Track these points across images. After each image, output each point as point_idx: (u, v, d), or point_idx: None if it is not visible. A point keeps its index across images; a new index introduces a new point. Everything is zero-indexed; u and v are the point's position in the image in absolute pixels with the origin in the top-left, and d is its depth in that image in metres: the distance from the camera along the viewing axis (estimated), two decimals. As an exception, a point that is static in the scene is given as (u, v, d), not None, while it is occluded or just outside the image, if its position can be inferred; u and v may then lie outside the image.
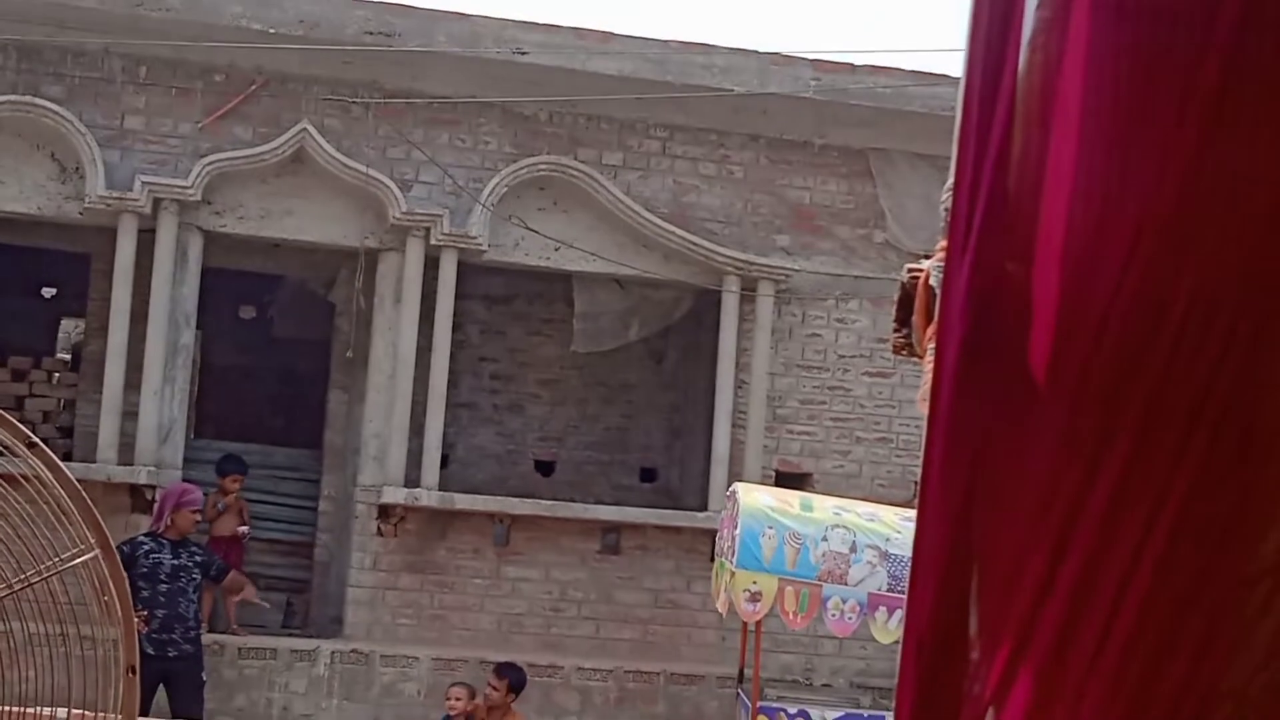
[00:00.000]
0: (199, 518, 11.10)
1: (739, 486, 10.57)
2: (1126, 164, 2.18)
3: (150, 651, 10.36)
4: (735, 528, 9.93)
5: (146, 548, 10.71)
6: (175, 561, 10.72)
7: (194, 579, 10.83)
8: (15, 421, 3.89)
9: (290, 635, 13.48)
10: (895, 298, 2.78)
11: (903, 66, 13.83)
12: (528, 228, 13.48)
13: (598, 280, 14.19)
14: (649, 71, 13.37)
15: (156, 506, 11.22)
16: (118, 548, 10.32)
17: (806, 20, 36.18)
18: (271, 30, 12.84)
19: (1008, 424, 2.29)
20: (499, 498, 13.78)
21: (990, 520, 2.30)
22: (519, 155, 13.54)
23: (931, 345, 2.47)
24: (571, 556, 13.63)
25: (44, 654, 3.85)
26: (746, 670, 11.00)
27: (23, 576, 3.79)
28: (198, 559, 10.94)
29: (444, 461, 13.64)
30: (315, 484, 14.41)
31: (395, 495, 13.03)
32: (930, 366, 2.43)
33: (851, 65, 13.81)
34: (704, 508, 13.57)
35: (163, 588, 10.64)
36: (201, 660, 11.15)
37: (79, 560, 3.79)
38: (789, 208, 14.23)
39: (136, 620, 10.39)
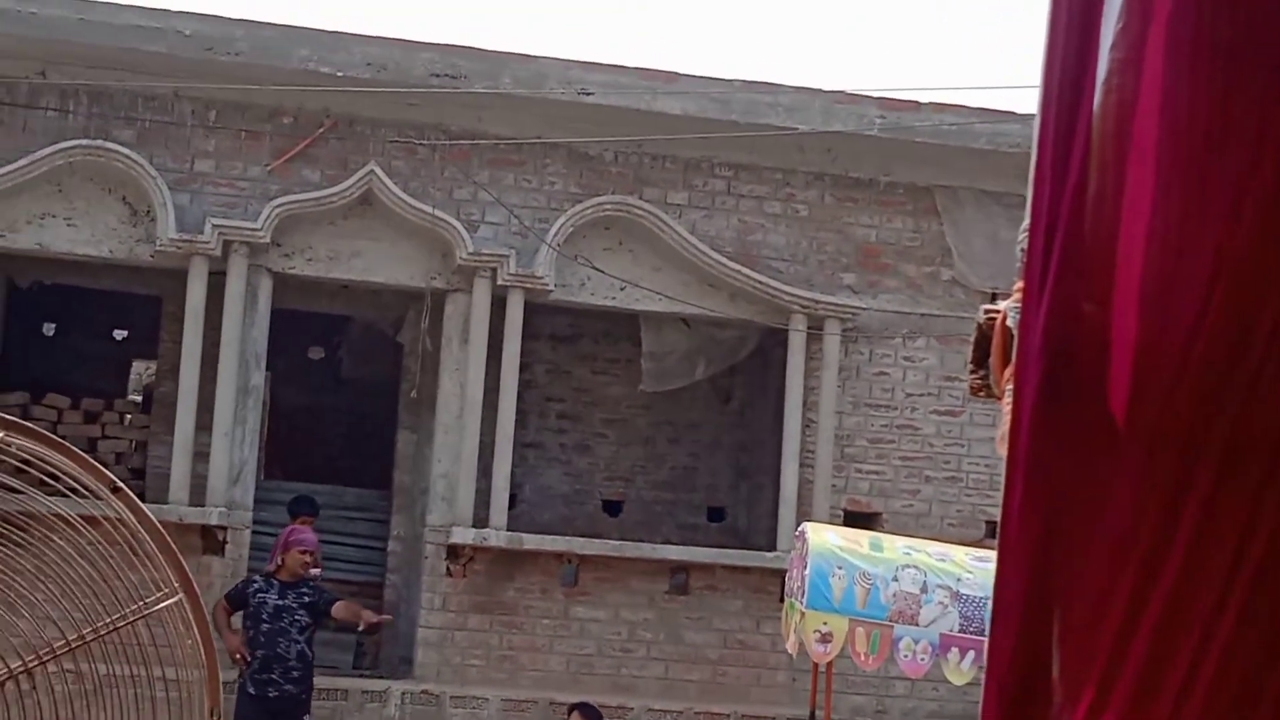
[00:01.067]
0: (309, 559, 11.14)
1: (808, 526, 10.52)
2: (1204, 202, 2.17)
3: (251, 691, 10.55)
4: (805, 568, 9.88)
5: (256, 587, 10.87)
6: (280, 602, 10.79)
7: (297, 620, 10.85)
8: (99, 465, 3.93)
9: (361, 676, 13.52)
10: (971, 339, 2.76)
11: (968, 103, 13.81)
12: (594, 267, 13.52)
13: (664, 319, 14.21)
14: (714, 111, 13.40)
15: (273, 548, 11.42)
16: (235, 586, 10.53)
17: (871, 58, 36.20)
18: (339, 73, 12.97)
19: (1088, 465, 2.28)
20: (567, 538, 13.79)
21: (1071, 562, 2.29)
22: (584, 195, 13.59)
23: (1009, 386, 2.46)
24: (640, 597, 13.61)
25: (125, 695, 3.88)
26: (818, 712, 10.93)
27: (109, 621, 3.82)
28: (305, 599, 10.96)
29: (512, 502, 13.66)
30: (384, 524, 14.46)
31: (464, 535, 13.06)
32: (1008, 408, 2.42)
33: (917, 102, 13.80)
34: (772, 547, 13.52)
35: (264, 627, 10.70)
36: (306, 701, 11.12)
37: (164, 604, 3.82)
38: (855, 246, 14.21)
39: (237, 659, 10.50)
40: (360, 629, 12.17)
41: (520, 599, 13.44)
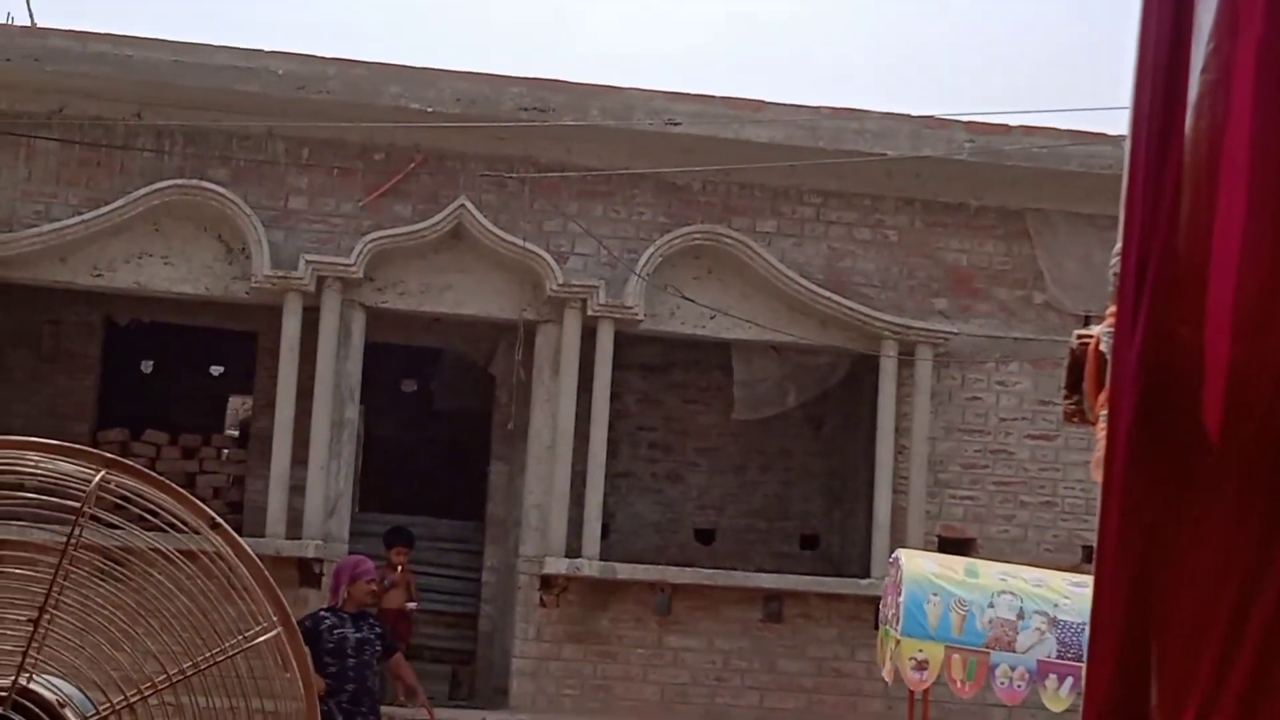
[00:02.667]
0: (374, 588, 11.18)
1: (901, 553, 10.46)
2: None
3: None
4: (899, 595, 9.82)
5: (329, 622, 10.75)
6: (359, 635, 10.79)
7: (377, 651, 10.89)
8: (199, 502, 3.99)
9: (457, 706, 13.56)
10: (1065, 364, 2.75)
11: (1058, 126, 13.71)
12: (683, 297, 13.53)
13: (754, 348, 14.19)
14: (801, 138, 13.39)
15: (331, 580, 11.31)
16: (301, 622, 10.43)
17: (959, 82, 36.05)
18: (429, 109, 13.08)
19: (1184, 489, 2.26)
20: (660, 567, 13.78)
21: (1169, 588, 2.27)
22: (673, 225, 13.62)
23: (1104, 412, 2.45)
24: (734, 625, 13.57)
25: (225, 728, 3.92)
26: (914, 739, 10.85)
27: (209, 655, 3.87)
28: (377, 631, 11.02)
29: (604, 531, 13.68)
30: (478, 555, 14.53)
31: (557, 566, 13.08)
32: (1103, 433, 2.41)
33: (1006, 126, 13.72)
34: (866, 574, 13.45)
35: (350, 661, 10.68)
36: None
37: (263, 638, 3.86)
38: (945, 270, 14.14)
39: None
40: (402, 698, 12.20)
41: (614, 628, 13.45)
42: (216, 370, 17.42)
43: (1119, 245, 2.39)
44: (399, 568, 13.07)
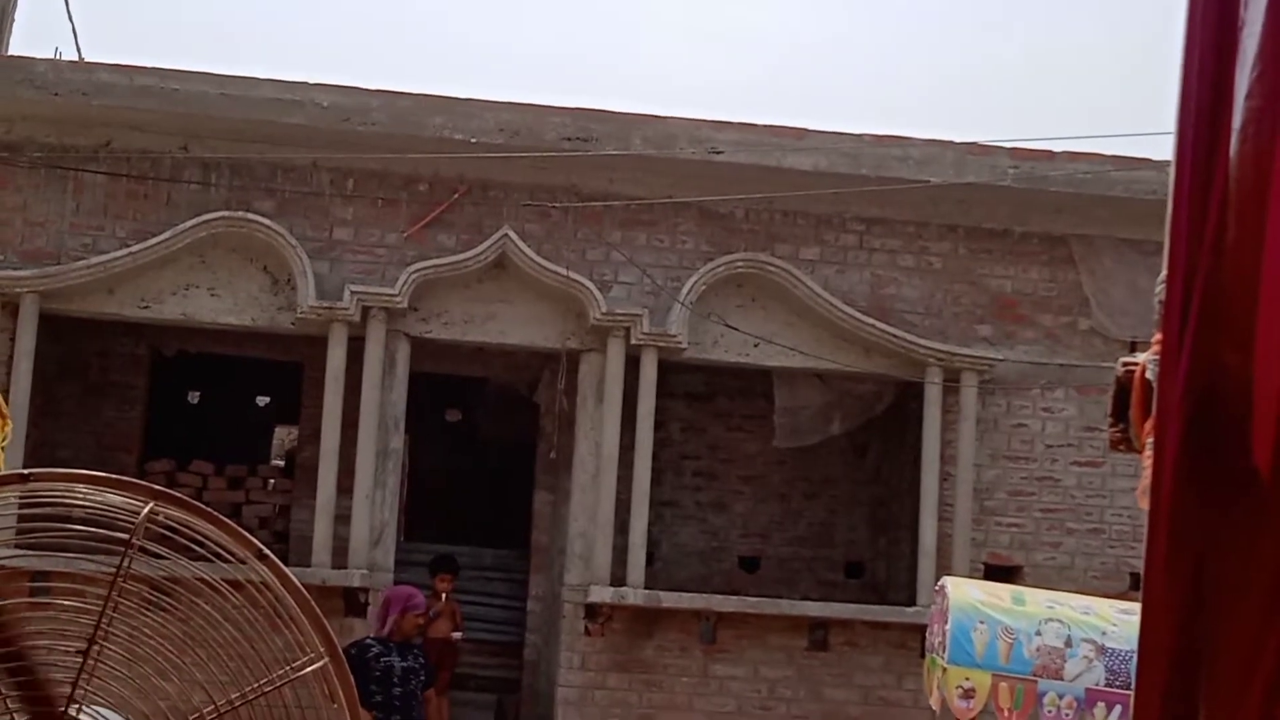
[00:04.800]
0: (422, 622, 11.18)
1: (948, 580, 10.40)
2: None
3: None
4: (945, 622, 9.77)
5: (375, 651, 10.72)
6: (405, 664, 10.77)
7: (422, 681, 10.89)
8: (245, 533, 4.00)
9: (501, 736, 13.57)
10: (1110, 391, 2.74)
11: (1103, 151, 13.67)
12: (727, 325, 13.53)
13: (798, 375, 14.18)
14: (844, 165, 13.39)
15: (380, 609, 11.32)
16: (347, 650, 10.40)
17: (1002, 109, 36.00)
18: (473, 139, 13.14)
19: (1233, 517, 2.25)
20: (705, 595, 13.76)
21: (1218, 616, 2.26)
22: (716, 253, 13.63)
23: (1150, 439, 2.44)
24: (779, 653, 13.53)
25: (272, 758, 3.93)
26: (961, 768, 10.78)
27: (256, 685, 3.88)
28: (422, 661, 11.02)
29: (649, 559, 13.67)
30: (523, 584, 14.54)
31: (602, 594, 13.08)
32: (1149, 461, 2.39)
33: (1050, 152, 13.68)
34: (912, 602, 13.40)
35: (396, 691, 10.66)
36: None
37: (310, 669, 3.87)
38: (990, 297, 14.10)
39: None
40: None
41: (659, 657, 13.43)
42: (262, 401, 17.52)
43: (1164, 272, 2.38)
44: (444, 596, 13.09)
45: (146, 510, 4.00)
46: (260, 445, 17.37)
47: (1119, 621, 9.62)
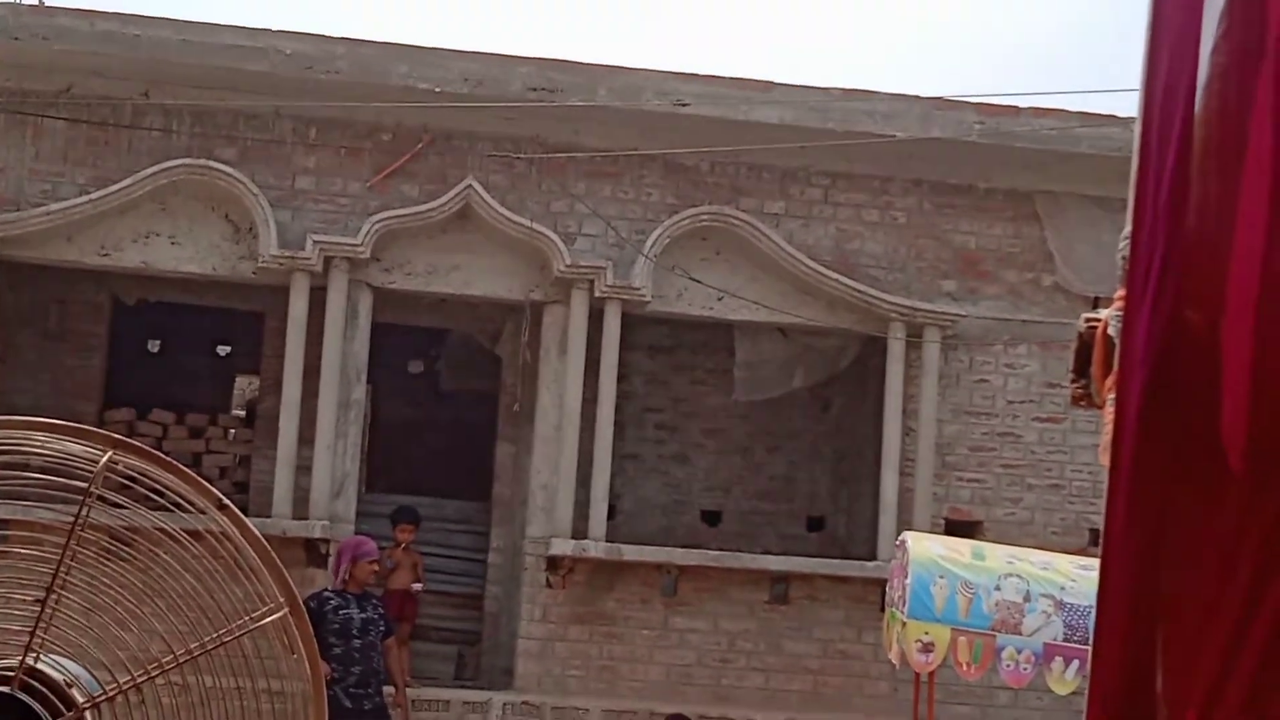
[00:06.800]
0: (376, 569, 11.19)
1: (909, 535, 10.46)
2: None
3: (348, 705, 10.47)
4: (906, 577, 9.83)
5: (334, 603, 10.74)
6: (364, 615, 10.79)
7: (381, 631, 10.91)
8: (206, 483, 3.98)
9: (462, 687, 13.60)
10: (1072, 348, 2.74)
11: (1068, 108, 13.68)
12: (691, 278, 13.52)
13: (760, 329, 14.19)
14: (810, 119, 13.36)
15: (333, 560, 11.32)
16: (306, 602, 10.36)
17: (969, 63, 36.00)
18: (437, 89, 13.06)
19: (1193, 474, 2.25)
20: (666, 548, 13.79)
21: (1176, 574, 2.26)
22: (681, 206, 13.60)
23: (1111, 396, 2.44)
24: (740, 607, 13.58)
25: (231, 707, 3.93)
26: (919, 721, 10.86)
27: (215, 636, 3.87)
28: (380, 611, 11.03)
29: (611, 513, 13.69)
30: (484, 536, 14.54)
31: (563, 547, 13.10)
32: (1110, 418, 2.40)
33: (1016, 108, 13.68)
34: (873, 557, 13.46)
35: (356, 643, 10.68)
36: (388, 712, 11.22)
37: (269, 619, 3.87)
38: (954, 252, 14.12)
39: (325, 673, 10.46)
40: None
41: (620, 610, 13.46)
42: (223, 350, 17.42)
43: (1128, 229, 2.38)
44: (404, 546, 13.08)
45: (105, 459, 3.98)
46: (221, 395, 17.29)
47: (1077, 577, 9.69)
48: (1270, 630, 2.12)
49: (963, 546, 10.41)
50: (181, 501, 3.97)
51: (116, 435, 4.15)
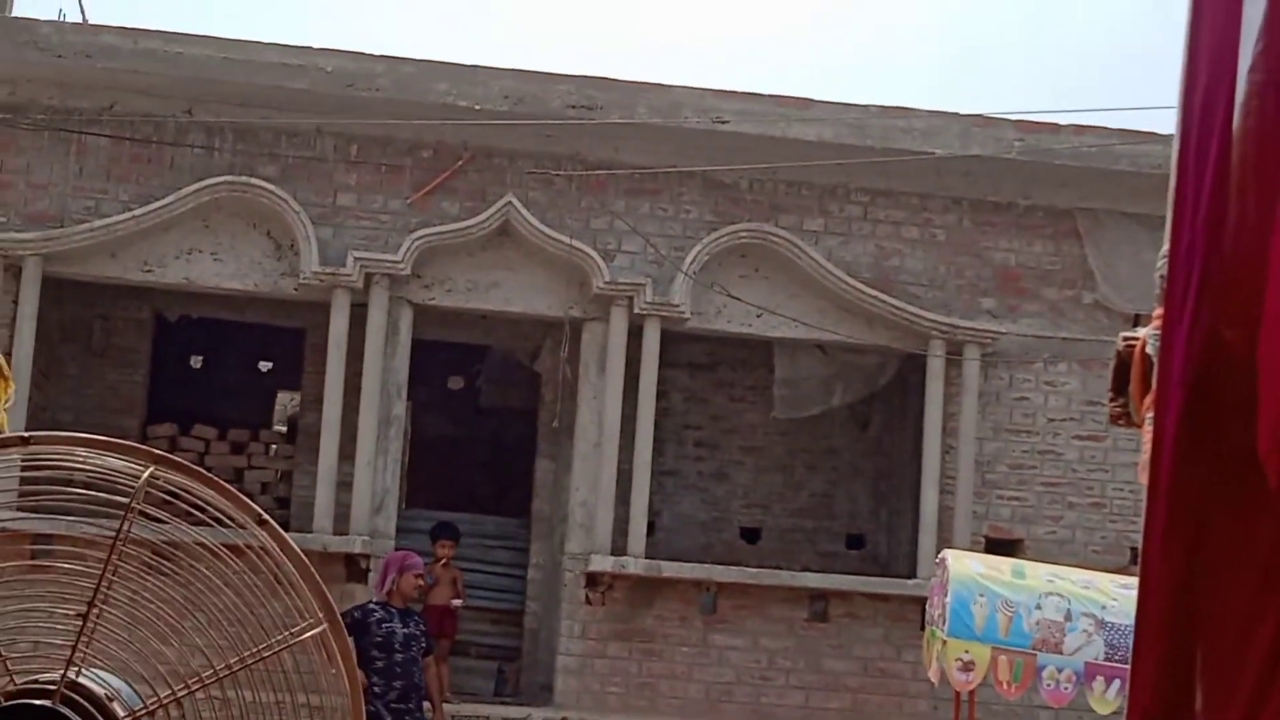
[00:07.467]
0: (421, 583, 11.20)
1: (948, 553, 10.42)
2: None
3: None
4: (945, 595, 9.79)
5: (378, 616, 10.74)
6: (406, 630, 10.79)
7: (422, 647, 10.92)
8: (245, 498, 4.01)
9: (502, 703, 13.60)
10: (1111, 366, 2.74)
11: (1108, 125, 13.63)
12: (730, 295, 13.52)
13: (799, 346, 14.17)
14: (849, 136, 13.36)
15: (378, 574, 11.34)
16: (349, 613, 10.37)
17: (1009, 82, 35.92)
18: (477, 107, 13.11)
19: (1231, 493, 2.25)
20: (705, 565, 13.78)
21: (1215, 591, 2.26)
22: (720, 223, 13.61)
23: (1149, 414, 2.43)
24: (779, 625, 13.55)
25: (270, 722, 3.95)
26: (959, 740, 10.82)
27: (255, 650, 3.89)
28: (422, 628, 11.04)
29: (650, 529, 13.69)
30: (524, 552, 14.55)
31: (602, 563, 13.10)
32: (1149, 436, 2.39)
33: (1056, 125, 13.65)
34: (912, 575, 13.42)
35: (398, 657, 10.67)
36: None
37: (309, 634, 3.88)
38: (994, 270, 14.08)
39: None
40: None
41: (659, 626, 13.45)
42: (265, 366, 17.51)
43: (1165, 247, 2.38)
44: (442, 561, 13.08)
45: (147, 474, 4.01)
46: (263, 411, 17.37)
47: (1119, 596, 9.63)
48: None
49: (1003, 565, 10.36)
50: (222, 517, 4.00)
51: (158, 451, 4.18)
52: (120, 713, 3.97)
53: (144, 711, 4.00)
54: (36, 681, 3.99)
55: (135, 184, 13.29)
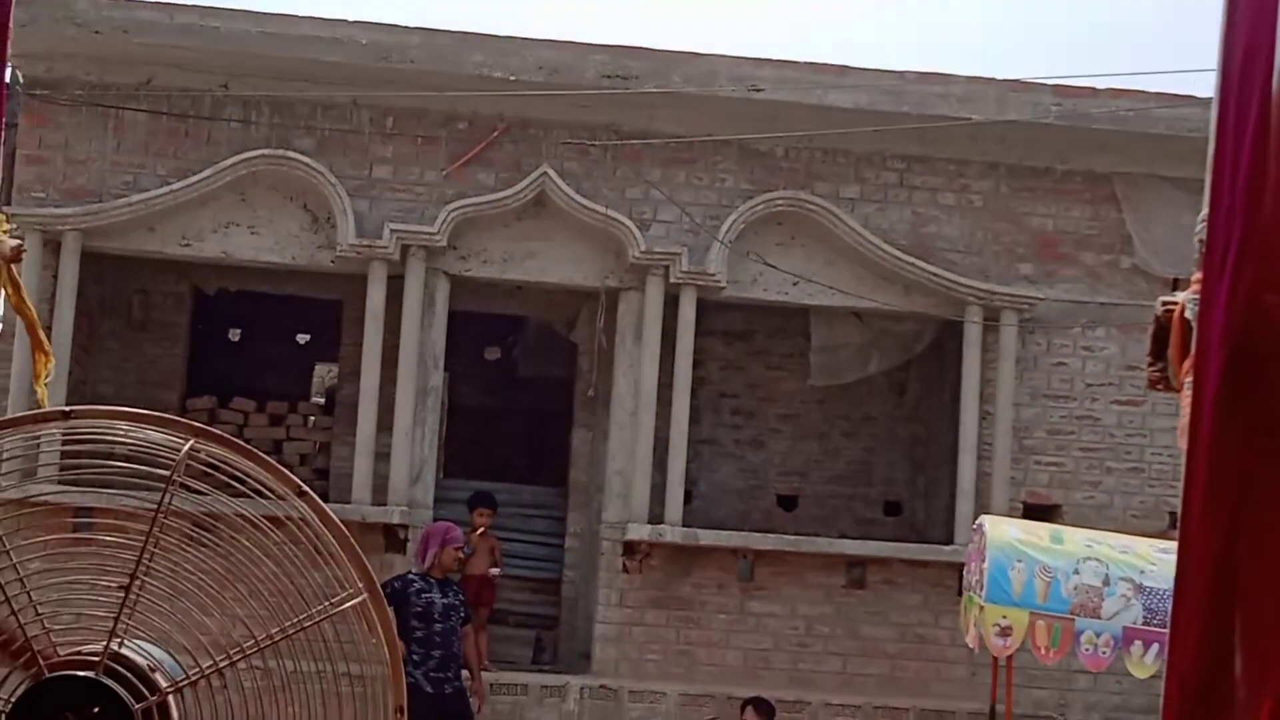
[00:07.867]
0: (462, 555, 11.27)
1: (986, 519, 10.42)
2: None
3: (429, 690, 10.54)
4: (983, 561, 9.79)
5: (418, 586, 10.82)
6: (445, 600, 10.88)
7: (461, 617, 10.99)
8: (285, 470, 4.03)
9: (540, 671, 13.66)
10: (1150, 331, 2.73)
11: (1146, 88, 13.54)
12: (766, 263, 13.50)
13: (836, 314, 14.15)
14: (885, 103, 13.31)
15: (420, 545, 11.40)
16: (389, 584, 10.42)
17: (1046, 45, 35.68)
18: (512, 77, 13.11)
19: (1270, 457, 2.24)
20: (742, 533, 13.80)
21: (1255, 557, 2.25)
22: (756, 191, 13.58)
23: (1189, 379, 2.42)
24: (816, 591, 13.57)
25: (311, 691, 3.97)
26: (998, 706, 10.83)
27: (296, 620, 3.92)
28: (461, 598, 11.11)
29: (687, 497, 13.70)
30: (561, 521, 14.59)
31: (640, 532, 13.13)
32: (1188, 401, 2.38)
33: (1093, 89, 13.56)
34: (950, 541, 13.41)
35: (437, 627, 10.76)
36: (467, 697, 11.29)
37: (349, 604, 3.91)
38: (1031, 235, 14.02)
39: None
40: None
41: (696, 594, 13.48)
42: (303, 338, 17.57)
43: (1204, 211, 2.37)
44: (480, 530, 13.12)
45: (187, 447, 4.03)
46: (301, 382, 17.44)
47: (1157, 560, 9.62)
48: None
49: (1041, 530, 10.35)
50: (261, 488, 4.02)
51: (198, 424, 4.20)
52: (163, 683, 4.00)
53: (186, 682, 4.03)
54: (80, 653, 4.03)
55: (173, 158, 13.34)
